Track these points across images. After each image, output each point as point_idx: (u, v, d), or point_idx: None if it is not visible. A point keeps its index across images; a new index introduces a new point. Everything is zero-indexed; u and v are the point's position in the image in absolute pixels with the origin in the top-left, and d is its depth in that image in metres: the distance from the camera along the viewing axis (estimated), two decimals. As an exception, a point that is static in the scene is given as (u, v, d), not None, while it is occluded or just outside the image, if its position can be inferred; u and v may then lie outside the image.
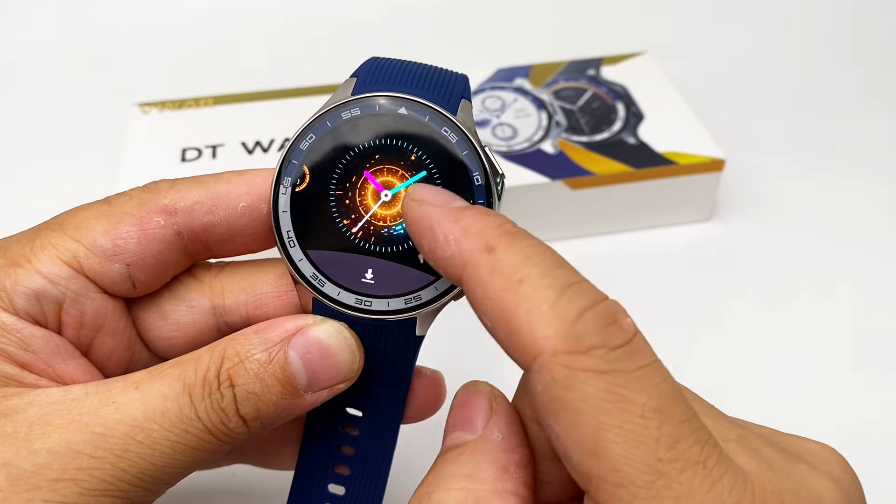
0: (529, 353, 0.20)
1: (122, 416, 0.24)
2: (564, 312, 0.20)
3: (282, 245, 0.27)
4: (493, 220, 0.22)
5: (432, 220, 0.23)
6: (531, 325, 0.20)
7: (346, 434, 0.30)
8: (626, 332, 0.20)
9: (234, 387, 0.25)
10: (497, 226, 0.22)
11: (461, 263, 0.22)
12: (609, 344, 0.20)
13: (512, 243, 0.21)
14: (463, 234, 0.22)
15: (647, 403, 0.19)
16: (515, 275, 0.21)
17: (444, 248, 0.22)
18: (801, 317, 0.49)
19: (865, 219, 0.56)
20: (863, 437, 0.42)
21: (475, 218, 0.22)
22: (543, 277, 0.20)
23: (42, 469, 0.23)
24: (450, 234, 0.22)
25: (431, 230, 0.23)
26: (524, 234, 0.22)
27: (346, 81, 0.28)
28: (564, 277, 0.21)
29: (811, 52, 0.72)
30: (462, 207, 0.23)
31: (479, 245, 0.22)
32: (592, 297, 0.20)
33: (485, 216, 0.22)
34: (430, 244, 0.23)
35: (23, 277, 0.26)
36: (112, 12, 0.74)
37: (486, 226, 0.22)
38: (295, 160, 0.27)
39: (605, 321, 0.20)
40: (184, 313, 0.29)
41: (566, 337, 0.20)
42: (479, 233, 0.22)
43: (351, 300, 0.27)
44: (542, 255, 0.21)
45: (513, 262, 0.21)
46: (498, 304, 0.21)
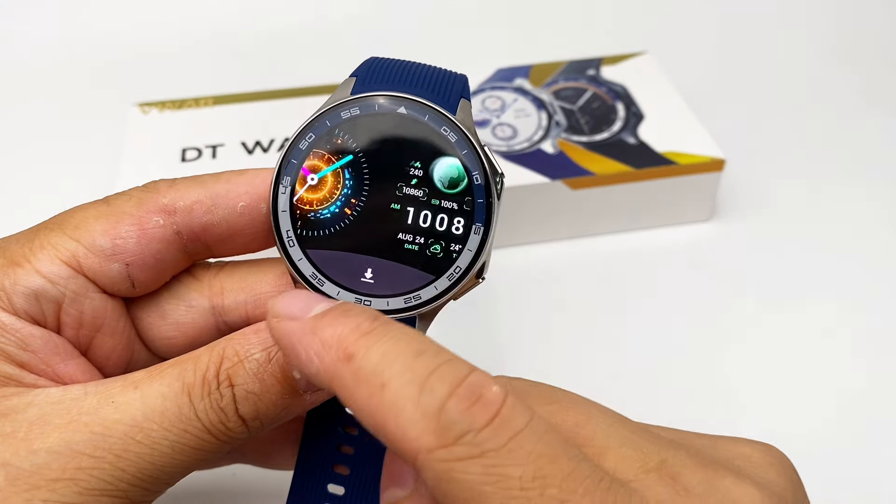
0: (409, 455, 0.20)
1: (122, 416, 0.24)
2: (428, 408, 0.19)
3: (281, 244, 0.27)
4: (351, 321, 0.22)
5: (292, 338, 0.22)
6: (402, 429, 0.20)
7: (346, 434, 0.30)
8: (491, 405, 0.20)
9: (234, 386, 0.25)
10: (354, 329, 0.21)
11: (328, 379, 0.21)
12: (476, 426, 0.19)
13: (369, 346, 0.21)
14: (322, 347, 0.21)
15: (523, 475, 0.19)
16: (377, 379, 0.20)
17: (309, 365, 0.22)
18: (801, 317, 0.49)
19: (865, 219, 0.56)
20: (863, 436, 0.42)
21: (332, 327, 0.22)
22: (404, 373, 0.20)
23: (41, 469, 0.23)
24: (310, 351, 0.22)
25: (294, 349, 0.22)
26: (381, 329, 0.21)
27: (346, 81, 0.28)
28: (423, 367, 0.20)
29: (811, 53, 0.72)
30: (319, 316, 0.22)
31: (338, 357, 0.21)
32: (453, 381, 0.20)
33: (342, 320, 0.22)
34: (296, 363, 0.22)
35: (22, 277, 0.26)
36: (112, 13, 0.74)
37: (342, 333, 0.21)
38: (294, 160, 0.27)
39: (468, 402, 0.20)
40: (183, 313, 0.29)
41: (435, 432, 0.19)
42: (336, 343, 0.21)
43: (350, 300, 0.27)
44: (399, 348, 0.21)
45: (372, 367, 0.20)
46: (368, 413, 0.20)
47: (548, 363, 0.46)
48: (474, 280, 0.27)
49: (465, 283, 0.27)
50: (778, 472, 0.23)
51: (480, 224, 0.27)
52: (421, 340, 0.21)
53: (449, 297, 0.27)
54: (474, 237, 0.27)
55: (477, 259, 0.27)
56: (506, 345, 0.47)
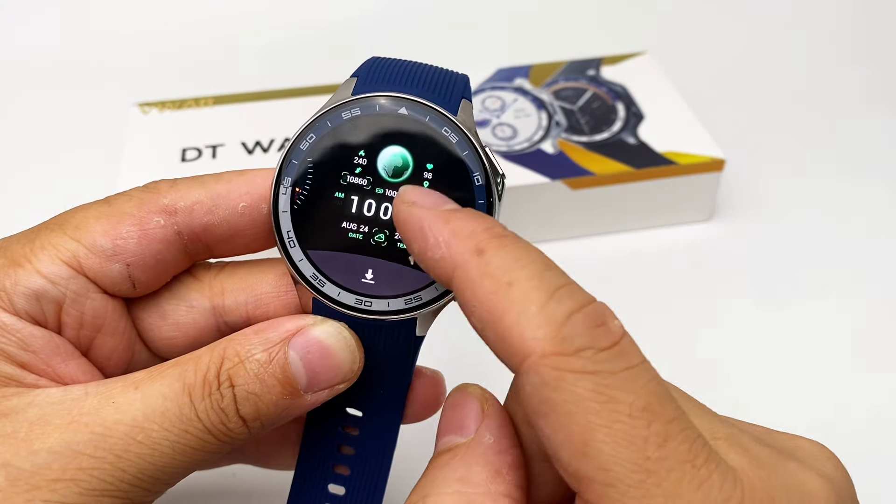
0: (518, 355, 0.20)
1: (122, 416, 0.24)
2: (553, 315, 0.20)
3: (282, 245, 0.27)
4: (483, 223, 0.22)
5: (422, 222, 0.23)
6: (520, 327, 0.20)
7: (347, 434, 0.30)
8: (613, 334, 0.20)
9: (234, 387, 0.25)
10: (487, 229, 0.22)
11: (451, 266, 0.22)
12: (597, 345, 0.20)
13: (501, 246, 0.21)
14: (452, 236, 0.22)
15: (634, 403, 0.19)
16: (505, 277, 0.21)
17: (434, 250, 0.22)
18: (801, 317, 0.49)
19: (865, 219, 0.56)
20: (863, 436, 0.42)
21: (465, 221, 0.22)
22: (532, 280, 0.21)
23: (42, 469, 0.23)
24: (440, 237, 0.22)
25: (422, 232, 0.23)
26: (514, 237, 0.22)
27: (347, 81, 0.28)
28: (553, 280, 0.21)
29: (812, 53, 0.72)
30: (452, 210, 0.23)
31: (468, 248, 0.22)
32: (581, 300, 0.21)
33: (475, 219, 0.22)
34: (420, 246, 0.23)
35: (23, 277, 0.26)
36: (112, 13, 0.74)
37: (476, 229, 0.22)
38: (295, 160, 0.27)
39: (594, 323, 0.20)
40: (184, 313, 0.29)
41: (555, 339, 0.20)
42: (468, 236, 0.22)
43: (351, 300, 0.27)
44: (531, 257, 0.21)
45: (502, 265, 0.21)
46: (487, 307, 0.21)
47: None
48: None
49: None
50: (835, 465, 0.23)
51: None
52: (548, 259, 0.22)
53: (450, 298, 0.27)
54: None
55: None
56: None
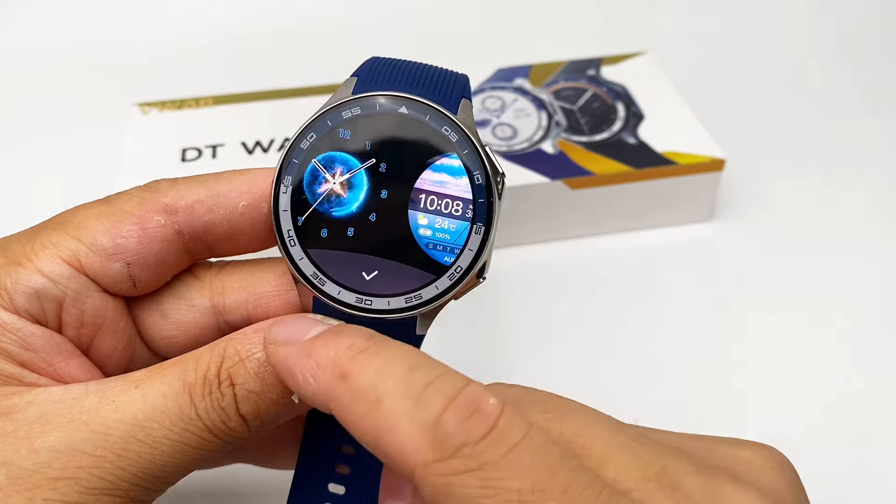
0: (406, 470, 0.20)
1: (123, 415, 0.24)
2: (423, 420, 0.20)
3: (282, 244, 0.27)
4: (345, 341, 0.22)
5: (287, 361, 0.23)
6: (398, 443, 0.20)
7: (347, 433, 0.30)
8: (488, 417, 0.20)
9: (235, 386, 0.25)
10: (348, 348, 0.22)
11: (325, 399, 0.22)
12: (472, 439, 0.19)
13: (363, 363, 0.21)
14: (317, 369, 0.22)
15: (521, 488, 0.19)
16: (372, 395, 0.20)
17: (306, 387, 0.22)
18: (801, 317, 0.49)
19: (865, 219, 0.56)
20: (863, 436, 0.42)
21: (326, 347, 0.22)
22: (398, 389, 0.20)
23: (42, 468, 0.23)
24: (306, 373, 0.22)
25: (290, 372, 0.23)
26: (376, 345, 0.22)
27: (347, 81, 0.28)
28: (418, 381, 0.20)
29: (812, 53, 0.72)
30: (314, 339, 0.23)
31: (334, 376, 0.21)
32: (449, 393, 0.20)
33: (335, 340, 0.22)
34: (294, 386, 0.23)
35: (23, 276, 0.26)
36: (112, 12, 0.74)
37: (337, 353, 0.22)
38: (296, 159, 0.27)
39: (465, 415, 0.20)
40: (184, 312, 0.29)
41: (431, 445, 0.19)
42: (331, 363, 0.22)
43: (351, 299, 0.27)
44: (394, 364, 0.21)
45: (367, 384, 0.21)
46: (366, 430, 0.20)
47: (547, 363, 0.46)
48: (475, 280, 0.27)
49: (466, 282, 0.27)
50: (778, 475, 0.23)
51: (481, 224, 0.27)
52: (416, 355, 0.21)
53: (450, 297, 0.27)
54: (475, 237, 0.27)
55: (478, 259, 0.27)
56: (506, 345, 0.47)
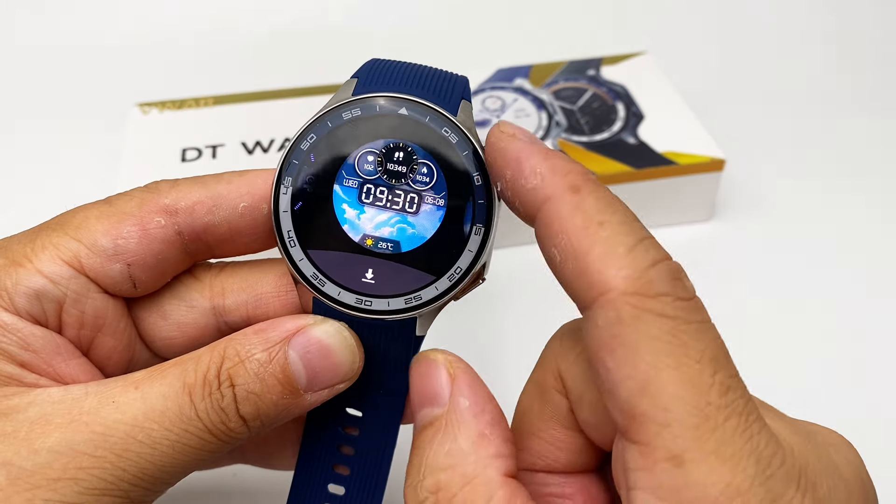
0: (597, 289, 0.21)
1: (123, 416, 0.24)
2: (640, 258, 0.21)
3: (282, 245, 0.27)
4: (580, 167, 0.23)
5: (521, 152, 0.24)
6: (605, 263, 0.21)
7: (347, 434, 0.30)
8: (690, 290, 0.22)
9: (235, 386, 0.25)
10: (583, 172, 0.23)
11: (543, 197, 0.23)
12: (676, 294, 0.21)
13: (596, 189, 0.22)
14: (551, 170, 0.23)
15: (705, 351, 0.20)
16: (597, 216, 0.22)
17: (530, 179, 0.23)
18: (801, 317, 0.49)
19: (865, 219, 0.56)
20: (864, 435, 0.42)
21: (563, 160, 0.23)
22: (623, 224, 0.22)
23: (42, 468, 0.23)
24: (537, 168, 0.23)
25: (518, 162, 0.24)
26: (605, 187, 0.23)
27: (347, 82, 0.28)
28: (641, 230, 0.22)
29: (812, 53, 0.72)
30: (551, 149, 0.24)
31: (564, 183, 0.23)
32: (664, 254, 0.22)
33: (572, 161, 0.24)
34: (514, 173, 0.24)
35: (24, 277, 0.26)
36: (112, 12, 0.74)
37: (573, 170, 0.23)
38: (296, 160, 0.27)
39: (675, 275, 0.21)
40: (184, 313, 0.29)
41: (638, 280, 0.21)
42: (566, 173, 0.23)
43: (351, 300, 0.27)
44: (622, 206, 0.22)
45: (595, 205, 0.22)
46: (574, 240, 0.22)
47: (548, 363, 0.46)
48: (475, 281, 0.27)
49: (466, 283, 0.27)
50: (856, 455, 0.25)
51: (481, 225, 0.27)
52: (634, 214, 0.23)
53: (449, 298, 0.27)
54: (475, 238, 0.27)
55: (478, 259, 0.27)
56: (507, 346, 0.47)
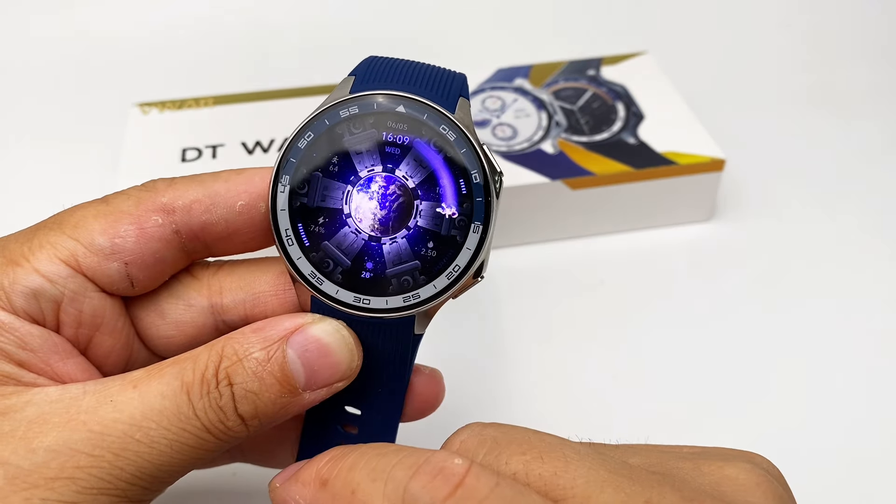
0: None
1: (120, 415, 0.24)
2: (392, 494, 0.21)
3: (280, 243, 0.27)
4: (325, 457, 0.24)
5: (283, 496, 0.24)
6: None
7: (345, 432, 0.30)
8: (454, 476, 0.20)
9: (233, 385, 0.25)
10: (328, 461, 0.23)
11: None
12: (438, 498, 0.20)
13: (339, 466, 0.23)
14: (303, 487, 0.24)
15: None
16: (348, 489, 0.22)
17: None
18: (801, 317, 0.49)
19: (865, 219, 0.56)
20: (864, 435, 0.42)
21: (308, 468, 0.24)
22: (369, 475, 0.22)
23: (40, 468, 0.23)
24: (297, 497, 0.24)
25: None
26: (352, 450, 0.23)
27: (344, 80, 0.28)
28: (386, 464, 0.22)
29: (811, 52, 0.72)
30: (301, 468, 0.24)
31: (315, 487, 0.23)
32: (413, 464, 0.21)
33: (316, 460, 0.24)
34: None
35: (21, 276, 0.26)
36: (112, 12, 0.74)
37: (318, 467, 0.23)
38: (293, 158, 0.27)
39: (429, 478, 0.20)
40: (182, 312, 0.29)
41: None
42: (313, 478, 0.23)
43: (349, 298, 0.27)
44: (365, 457, 0.22)
45: (343, 481, 0.22)
46: None
47: (547, 363, 0.46)
48: (473, 279, 0.27)
49: (464, 281, 0.27)
50: (764, 492, 0.23)
51: (479, 223, 0.27)
52: (384, 445, 0.23)
53: (448, 296, 0.27)
54: (473, 236, 0.27)
55: (476, 258, 0.27)
56: (505, 345, 0.47)
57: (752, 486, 0.23)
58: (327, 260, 0.27)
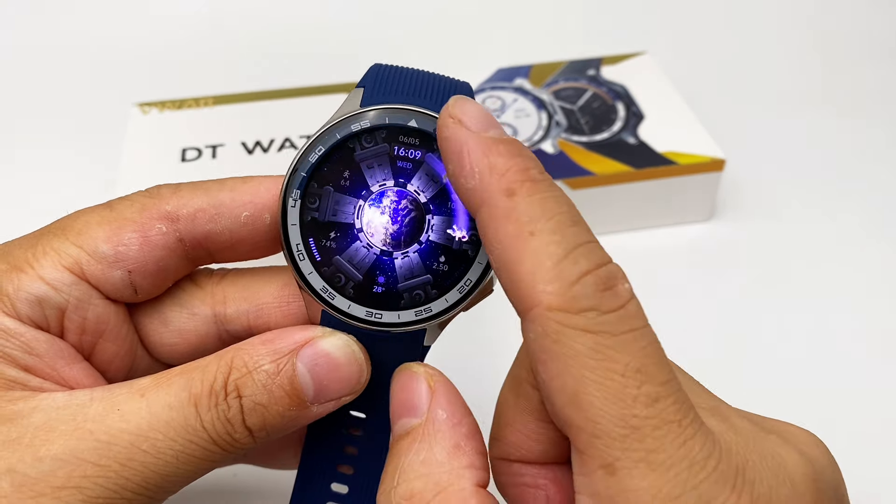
0: (526, 303, 0.21)
1: (127, 425, 0.24)
2: (566, 272, 0.21)
3: (291, 258, 0.27)
4: (521, 162, 0.22)
5: (463, 144, 0.23)
6: (533, 277, 0.21)
7: (350, 435, 0.30)
8: (620, 297, 0.21)
9: (242, 398, 0.25)
10: (523, 170, 0.22)
11: (480, 200, 0.22)
12: (602, 307, 0.21)
13: (532, 192, 0.22)
14: (488, 170, 0.22)
15: (629, 364, 0.20)
16: (528, 225, 0.21)
17: (469, 178, 0.22)
18: (802, 317, 0.49)
19: (865, 218, 0.56)
20: (864, 434, 0.43)
21: (504, 156, 0.22)
22: (555, 233, 0.21)
23: (47, 476, 0.23)
24: (476, 166, 0.22)
25: (459, 156, 0.23)
26: (548, 182, 0.22)
27: (353, 92, 0.28)
28: (574, 237, 0.21)
29: (811, 52, 0.72)
30: (495, 139, 0.23)
31: (500, 186, 0.22)
32: (596, 261, 0.21)
33: (514, 155, 0.22)
34: (455, 169, 0.23)
35: (25, 283, 0.26)
36: (112, 13, 0.74)
37: (513, 167, 0.22)
38: (304, 172, 0.27)
39: (603, 286, 0.21)
40: (185, 320, 0.29)
41: (563, 296, 0.20)
42: (503, 173, 0.22)
43: (361, 313, 0.27)
44: (558, 209, 0.22)
45: (529, 212, 0.21)
46: (506, 250, 0.21)
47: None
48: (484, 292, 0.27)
49: (476, 295, 0.27)
50: (821, 452, 0.24)
51: None
52: (577, 213, 0.22)
53: (459, 310, 0.27)
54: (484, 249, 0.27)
55: (488, 271, 0.27)
56: (506, 345, 0.47)
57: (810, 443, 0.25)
58: (339, 274, 0.27)
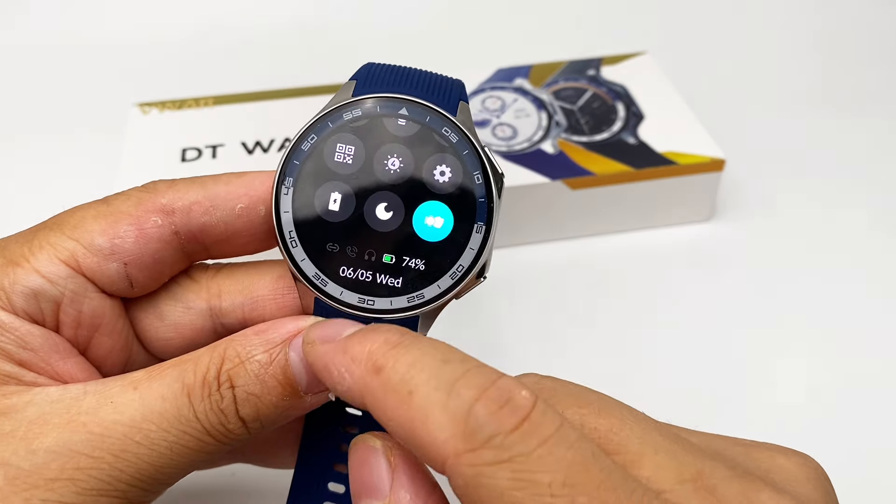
0: (437, 461, 0.20)
1: (121, 417, 0.24)
2: (456, 411, 0.20)
3: (284, 245, 0.27)
4: (379, 337, 0.22)
5: (324, 358, 0.23)
6: (429, 433, 0.20)
7: (346, 433, 0.30)
8: (520, 409, 0.20)
9: (234, 388, 0.25)
10: (382, 343, 0.22)
11: (359, 393, 0.22)
12: (504, 429, 0.19)
13: (396, 357, 0.21)
14: (352, 363, 0.22)
15: (553, 481, 0.19)
16: (404, 388, 0.21)
17: (341, 382, 0.22)
18: (802, 317, 0.49)
19: (865, 218, 0.56)
20: (865, 434, 0.42)
21: (361, 343, 0.22)
22: (430, 381, 0.20)
23: (40, 468, 0.23)
24: (341, 368, 0.22)
25: (327, 369, 0.23)
26: (410, 340, 0.22)
27: (346, 84, 0.28)
28: (450, 374, 0.20)
29: (811, 52, 0.72)
30: (349, 337, 0.23)
31: (367, 370, 0.21)
32: (481, 385, 0.20)
33: (370, 337, 0.22)
34: (330, 382, 0.23)
35: (21, 276, 0.26)
36: (112, 12, 0.74)
37: (371, 348, 0.22)
38: (297, 161, 0.27)
39: (497, 406, 0.20)
40: (181, 314, 0.29)
41: (463, 435, 0.19)
42: (365, 358, 0.22)
43: (354, 299, 0.27)
44: (427, 357, 0.21)
45: (400, 376, 0.21)
46: (398, 422, 0.20)
47: (548, 363, 0.46)
48: (476, 279, 0.27)
49: (468, 281, 0.27)
50: (815, 486, 0.23)
51: (482, 223, 0.27)
52: (448, 350, 0.21)
53: (451, 296, 0.27)
54: (476, 236, 0.27)
55: (479, 257, 0.27)
56: (506, 345, 0.47)
57: (802, 479, 0.23)
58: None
